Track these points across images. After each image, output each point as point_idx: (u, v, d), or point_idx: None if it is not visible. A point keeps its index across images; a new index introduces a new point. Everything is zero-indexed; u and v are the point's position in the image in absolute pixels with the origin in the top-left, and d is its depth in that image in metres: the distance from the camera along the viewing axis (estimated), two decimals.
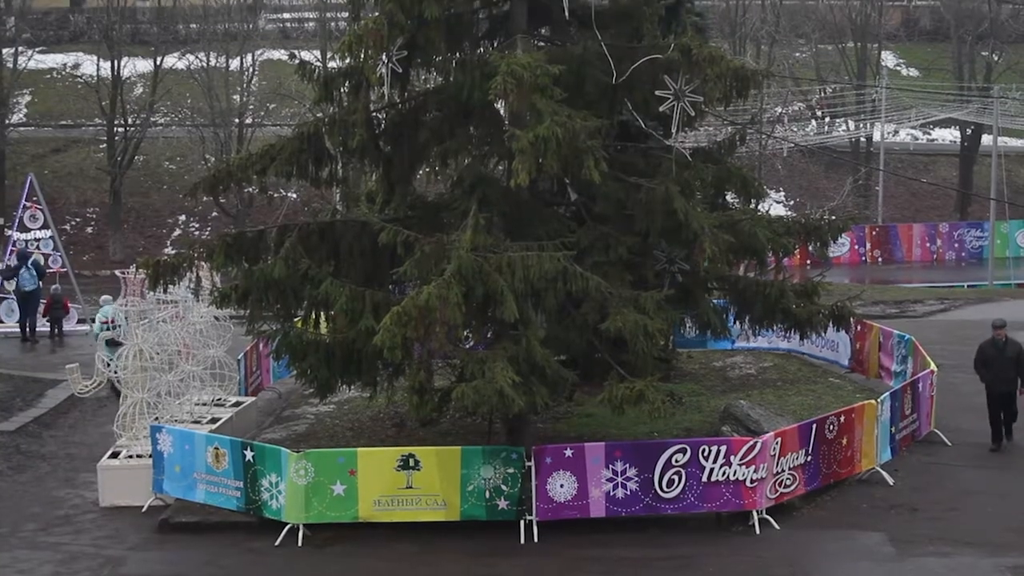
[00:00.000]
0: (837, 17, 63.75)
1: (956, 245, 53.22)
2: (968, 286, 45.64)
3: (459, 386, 16.13)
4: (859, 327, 24.30)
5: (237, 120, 55.05)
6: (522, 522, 17.09)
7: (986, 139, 56.54)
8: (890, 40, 66.84)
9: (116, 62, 54.90)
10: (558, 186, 19.43)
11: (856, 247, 52.08)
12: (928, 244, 53.11)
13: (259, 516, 17.68)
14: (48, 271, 34.43)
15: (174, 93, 57.01)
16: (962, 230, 53.95)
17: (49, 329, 32.99)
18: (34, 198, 35.23)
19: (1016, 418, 20.73)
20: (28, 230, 35.10)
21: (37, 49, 61.10)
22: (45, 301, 33.20)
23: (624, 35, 18.77)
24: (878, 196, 55.02)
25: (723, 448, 17.12)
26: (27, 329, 33.00)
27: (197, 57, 55.48)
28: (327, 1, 56.89)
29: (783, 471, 17.53)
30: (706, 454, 17.06)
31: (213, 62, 55.18)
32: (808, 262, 45.80)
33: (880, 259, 52.51)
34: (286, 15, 66.80)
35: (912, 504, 18.09)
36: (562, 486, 17.05)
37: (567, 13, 17.68)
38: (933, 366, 21.35)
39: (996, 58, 62.03)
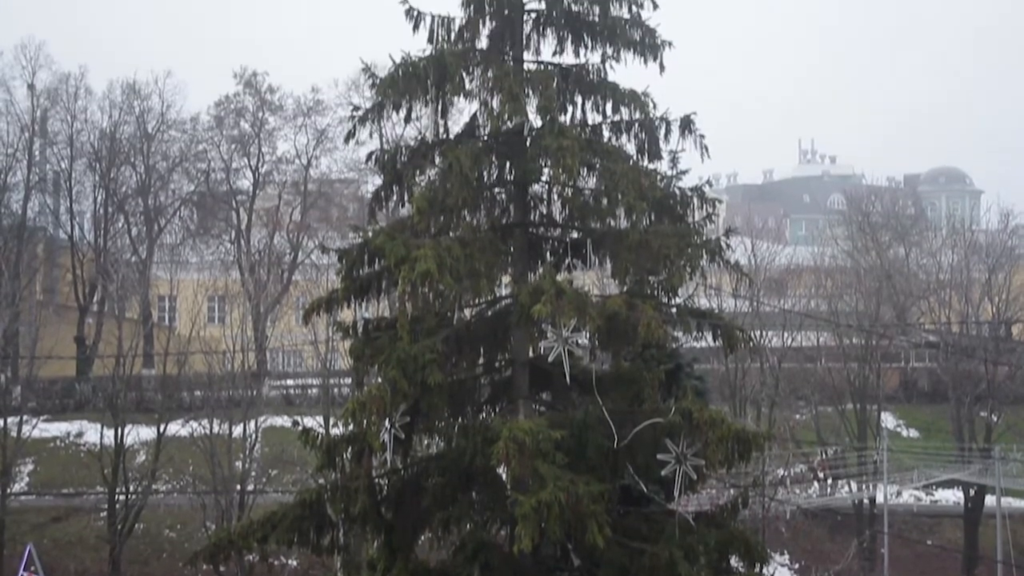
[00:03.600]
0: (836, 380, 64.65)
1: None
2: None
3: None
4: None
5: (239, 487, 54.93)
6: None
7: (990, 500, 56.21)
8: (889, 402, 67.55)
9: (120, 430, 55.28)
10: (561, 551, 19.20)
11: None
12: None
13: None
14: None
15: (176, 460, 57.08)
16: None
17: None
18: (32, 568, 34.77)
19: None
20: None
21: (42, 418, 61.67)
22: None
23: (625, 399, 19.01)
24: (884, 559, 54.19)
25: None
26: None
27: (200, 424, 55.91)
28: (330, 368, 57.84)
29: None
30: None
31: (216, 429, 55.55)
32: None
33: None
34: (289, 381, 67.79)
35: None
36: None
37: (568, 379, 17.95)
38: None
39: (995, 419, 62.50)
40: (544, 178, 21.73)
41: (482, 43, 21.97)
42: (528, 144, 21.22)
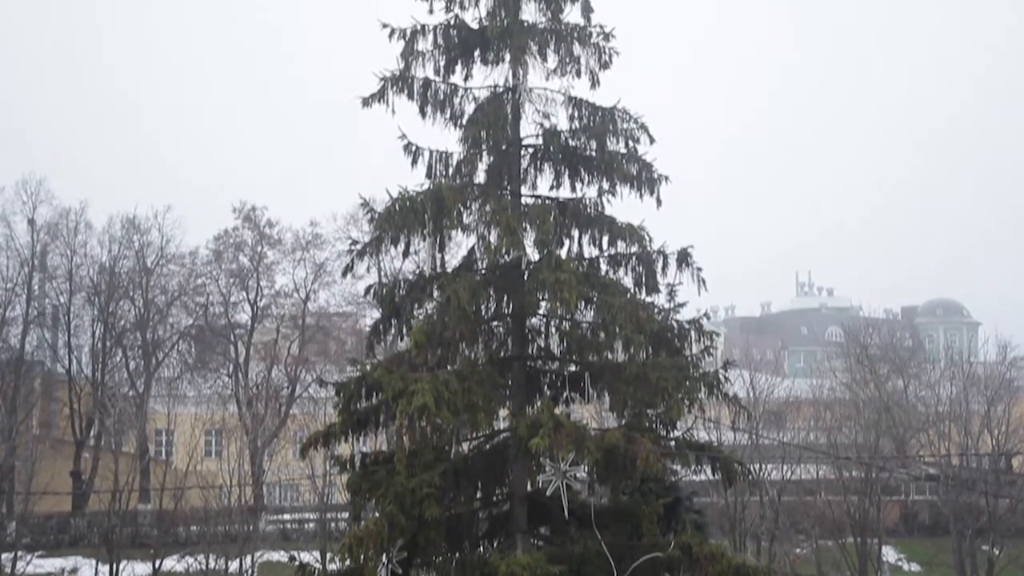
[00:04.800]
0: (836, 513, 64.07)
1: None
2: None
3: None
4: None
5: None
6: None
7: None
8: (890, 535, 66.87)
9: (115, 566, 54.65)
10: None
11: None
12: None
13: None
14: None
15: None
16: None
17: None
18: None
19: None
20: None
21: (37, 554, 60.95)
22: None
23: (624, 534, 18.88)
24: None
25: None
26: None
27: (196, 560, 55.28)
28: (327, 502, 57.39)
29: None
30: None
31: (212, 564, 54.92)
32: None
33: None
34: (286, 516, 67.16)
35: None
36: None
37: (567, 513, 17.85)
38: None
39: (997, 552, 61.83)
40: (542, 311, 21.86)
41: (480, 177, 22.28)
42: (526, 277, 21.38)
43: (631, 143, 22.50)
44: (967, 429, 63.37)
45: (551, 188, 23.05)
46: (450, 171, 22.20)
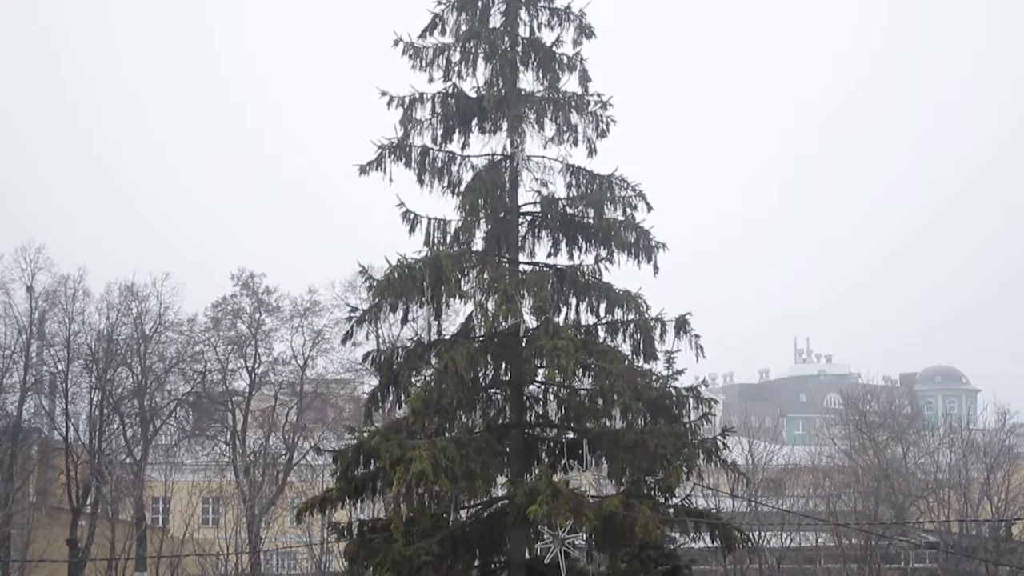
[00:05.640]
0: None
1: None
2: None
3: None
4: None
5: None
6: None
7: None
8: None
9: None
10: None
11: None
12: None
13: None
14: None
15: None
16: None
17: None
18: None
19: None
20: None
21: None
22: None
23: None
24: None
25: None
26: None
27: None
28: (325, 570, 57.01)
29: None
30: None
31: None
32: None
33: None
34: None
35: None
36: None
37: None
38: None
39: None
40: (540, 378, 21.90)
41: (478, 245, 22.40)
42: (524, 345, 21.42)
43: (629, 211, 22.65)
44: (967, 496, 63.25)
45: (549, 255, 23.19)
46: (448, 238, 22.32)
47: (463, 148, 23.50)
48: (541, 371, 21.54)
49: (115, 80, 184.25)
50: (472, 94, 23.37)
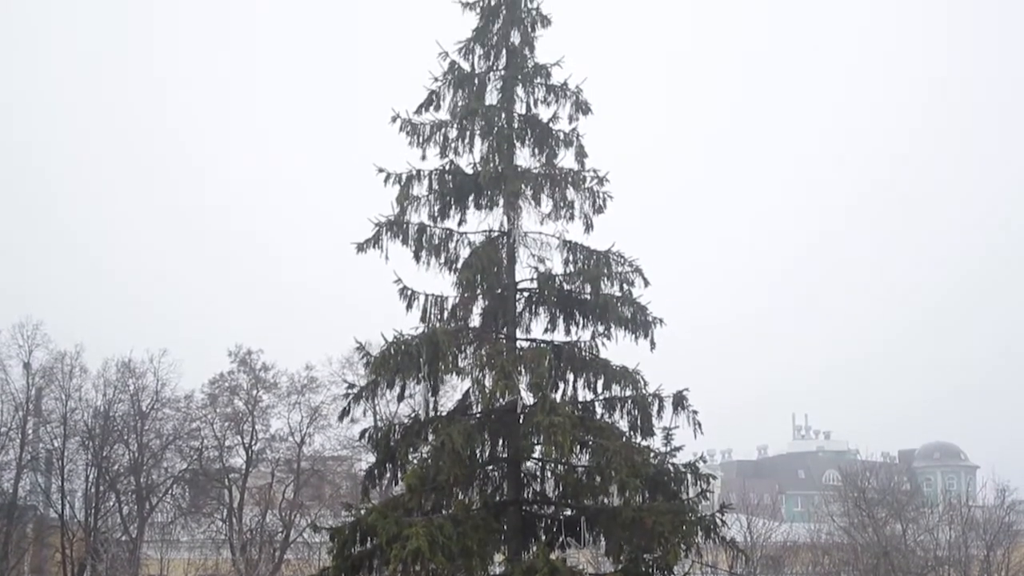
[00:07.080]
0: None
1: None
2: None
3: None
4: None
5: None
6: None
7: None
8: None
9: None
10: None
11: None
12: None
13: None
14: None
15: None
16: None
17: None
18: None
19: None
20: None
21: None
22: None
23: None
24: None
25: None
26: None
27: None
28: None
29: None
30: None
31: None
32: None
33: None
34: None
35: None
36: None
37: None
38: None
39: None
40: (537, 455, 21.80)
41: (475, 321, 22.41)
42: (521, 421, 21.37)
43: (626, 286, 22.69)
44: (966, 573, 62.82)
45: (546, 331, 23.18)
46: (445, 315, 22.35)
47: (460, 224, 23.58)
48: (538, 448, 21.44)
49: (109, 159, 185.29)
50: (469, 170, 23.49)
